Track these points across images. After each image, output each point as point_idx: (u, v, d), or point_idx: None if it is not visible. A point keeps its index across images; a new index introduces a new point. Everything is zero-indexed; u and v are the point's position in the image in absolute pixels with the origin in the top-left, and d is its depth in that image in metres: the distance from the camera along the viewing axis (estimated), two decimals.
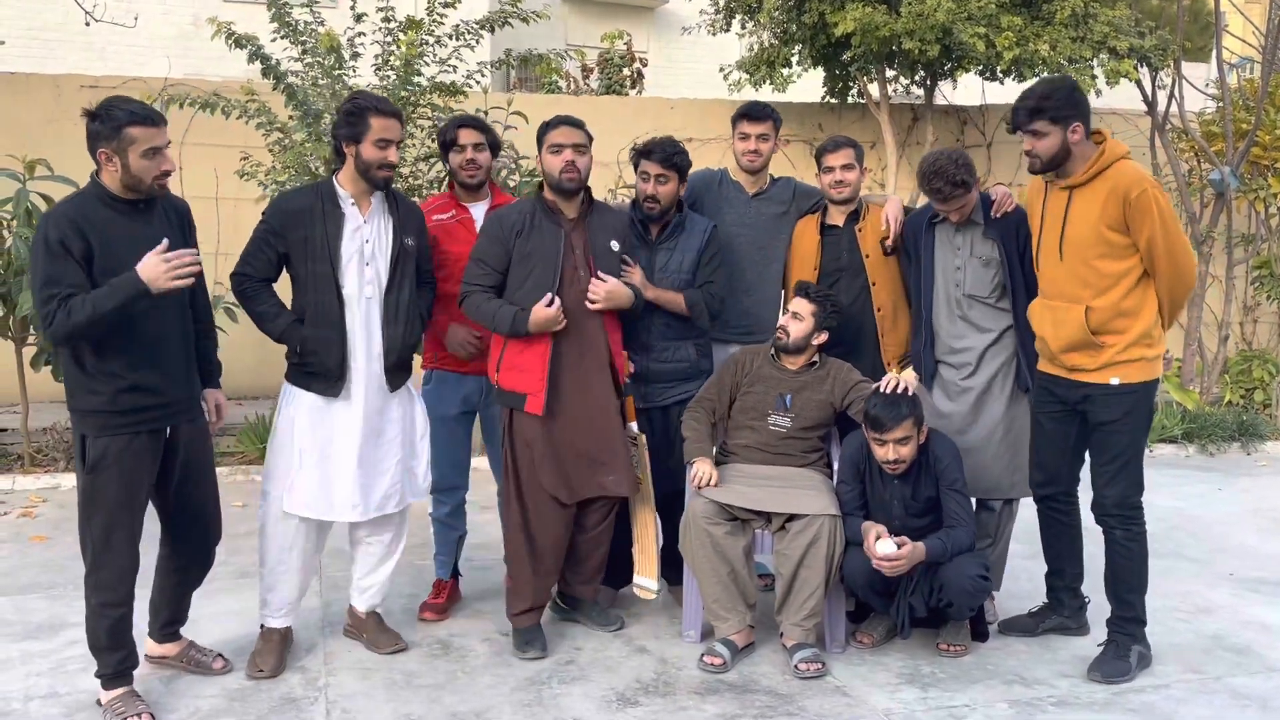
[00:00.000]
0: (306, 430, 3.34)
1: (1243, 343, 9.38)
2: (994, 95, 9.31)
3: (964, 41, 7.43)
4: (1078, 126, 3.32)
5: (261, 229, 3.34)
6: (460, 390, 3.79)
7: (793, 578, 3.50)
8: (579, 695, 3.31)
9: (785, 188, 4.09)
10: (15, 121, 7.39)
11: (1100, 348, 3.37)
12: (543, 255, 3.46)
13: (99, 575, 3.02)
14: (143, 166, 2.90)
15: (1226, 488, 6.19)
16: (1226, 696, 3.36)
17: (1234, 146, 8.02)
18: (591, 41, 12.29)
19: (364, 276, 3.33)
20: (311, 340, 3.30)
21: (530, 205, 3.55)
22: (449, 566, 3.98)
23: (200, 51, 9.62)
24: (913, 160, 8.97)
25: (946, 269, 3.77)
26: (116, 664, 3.10)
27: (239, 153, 6.22)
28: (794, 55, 8.56)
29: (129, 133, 2.87)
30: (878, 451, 3.52)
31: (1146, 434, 3.50)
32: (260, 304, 3.35)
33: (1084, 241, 3.35)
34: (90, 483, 2.98)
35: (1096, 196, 3.32)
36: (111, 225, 2.92)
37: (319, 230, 3.27)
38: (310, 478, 3.34)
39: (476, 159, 3.72)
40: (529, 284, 3.45)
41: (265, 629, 3.47)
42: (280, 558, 3.41)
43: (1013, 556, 4.01)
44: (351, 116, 3.28)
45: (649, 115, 8.50)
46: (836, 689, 3.37)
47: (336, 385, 3.32)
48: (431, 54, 6.12)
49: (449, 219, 3.74)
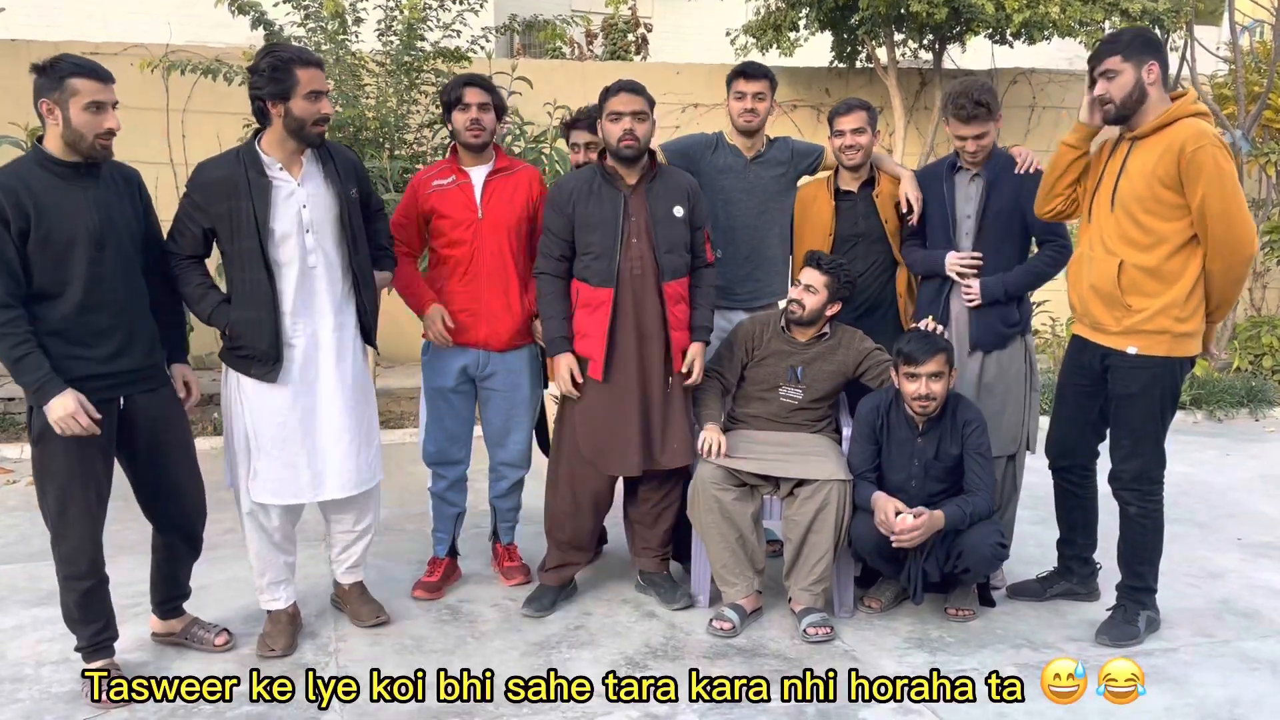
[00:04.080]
0: (254, 416, 3.17)
1: (1252, 309, 9.32)
2: (1003, 59, 9.20)
3: (973, 4, 7.33)
4: (1153, 66, 3.16)
5: (184, 202, 3.11)
6: (458, 361, 3.66)
7: (801, 543, 3.50)
8: (588, 660, 3.32)
9: (783, 148, 3.99)
10: (17, 88, 7.32)
11: (1125, 309, 3.26)
12: (602, 223, 3.44)
13: (60, 548, 2.96)
14: (84, 120, 2.77)
15: (1235, 453, 6.18)
16: (1236, 660, 3.37)
17: (1246, 110, 7.93)
18: (596, 7, 12.16)
19: (305, 245, 3.12)
20: (240, 322, 3.09)
21: (591, 172, 3.51)
22: (446, 544, 3.88)
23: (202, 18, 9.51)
24: (921, 125, 8.89)
25: (961, 218, 3.72)
26: (91, 637, 3.04)
27: (241, 120, 6.17)
28: (801, 19, 8.46)
29: (71, 83, 2.77)
30: (909, 388, 3.47)
31: (1170, 413, 3.38)
32: (186, 284, 3.12)
33: (1135, 195, 3.21)
34: (39, 455, 2.89)
35: (1154, 150, 3.17)
36: (51, 191, 2.80)
37: (244, 202, 3.03)
38: (269, 463, 3.19)
39: (481, 119, 3.57)
40: (591, 253, 3.45)
41: (271, 612, 3.40)
42: (261, 543, 3.32)
43: (1020, 522, 4.00)
44: (276, 72, 3.01)
45: (654, 81, 8.33)
46: (845, 653, 3.38)
47: (273, 369, 3.11)
48: (435, 19, 6.06)
49: (449, 184, 3.60)
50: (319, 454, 3.24)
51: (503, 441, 3.77)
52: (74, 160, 2.85)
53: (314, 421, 3.22)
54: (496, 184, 3.62)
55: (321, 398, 3.23)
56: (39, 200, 2.78)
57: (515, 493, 3.91)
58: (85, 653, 3.07)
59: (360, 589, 3.59)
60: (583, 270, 3.48)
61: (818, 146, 4.04)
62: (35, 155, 2.85)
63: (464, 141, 3.60)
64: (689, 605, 3.66)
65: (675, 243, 3.49)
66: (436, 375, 3.70)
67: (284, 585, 3.39)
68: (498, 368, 3.67)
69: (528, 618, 3.60)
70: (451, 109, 3.60)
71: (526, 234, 3.66)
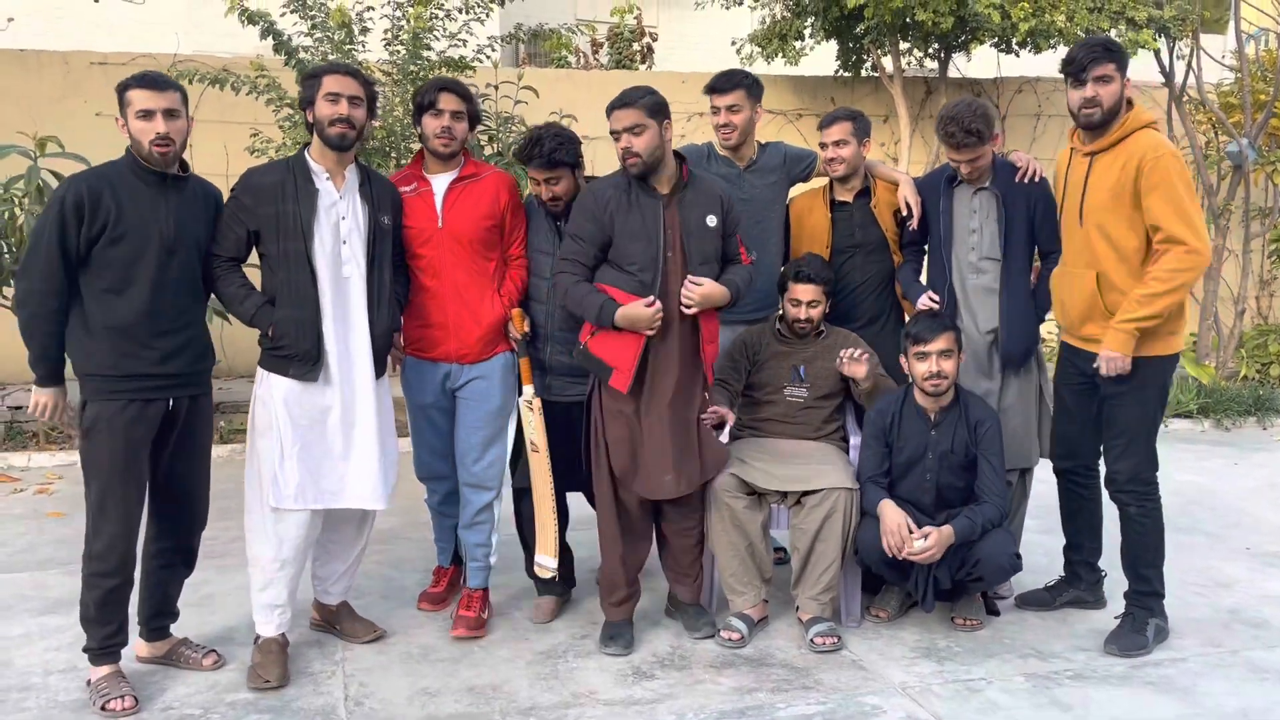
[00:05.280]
0: (286, 418, 3.16)
1: (1259, 317, 9.30)
2: (1009, 68, 9.20)
3: (978, 13, 7.34)
4: (1128, 80, 3.28)
5: (230, 205, 3.18)
6: (434, 376, 3.50)
7: (809, 551, 3.49)
8: (595, 669, 3.31)
9: (775, 154, 3.95)
10: (26, 98, 7.37)
11: (1110, 316, 3.31)
12: (644, 234, 3.30)
13: (93, 544, 3.00)
14: (138, 129, 2.93)
15: (1242, 462, 6.16)
16: (1244, 669, 3.35)
17: (1252, 118, 7.93)
18: (601, 15, 12.18)
19: (340, 256, 3.18)
20: (284, 322, 3.14)
21: (625, 180, 3.35)
22: (449, 553, 3.83)
23: (209, 27, 9.56)
24: (926, 134, 8.89)
25: (962, 232, 3.72)
26: (103, 639, 3.05)
27: (249, 129, 6.20)
28: (806, 28, 8.47)
29: (127, 95, 2.95)
30: (919, 369, 3.49)
31: (1160, 411, 3.44)
32: (229, 285, 3.18)
33: (1101, 208, 3.31)
34: (86, 448, 2.98)
35: (1115, 162, 3.28)
36: (135, 195, 2.95)
37: (291, 206, 3.13)
38: (295, 467, 3.16)
39: (453, 128, 3.38)
40: (634, 264, 3.29)
41: (263, 639, 3.25)
42: (270, 557, 3.21)
43: (1028, 531, 3.99)
44: (307, 80, 3.20)
45: (660, 89, 8.39)
46: (852, 662, 3.37)
47: (314, 369, 3.15)
48: (441, 28, 6.08)
49: (410, 192, 3.44)
50: (348, 461, 3.24)
51: (468, 458, 3.53)
52: (157, 169, 2.98)
53: (348, 428, 3.23)
54: (459, 192, 3.43)
55: (356, 406, 3.24)
56: (121, 202, 2.93)
57: (484, 524, 3.58)
58: (93, 654, 3.06)
59: (349, 607, 3.56)
60: (616, 279, 3.32)
61: (811, 152, 4.01)
62: (127, 160, 3.00)
63: (431, 149, 3.43)
64: (711, 634, 3.52)
65: (708, 254, 3.38)
66: (414, 391, 3.57)
67: (281, 610, 3.27)
68: (470, 377, 3.50)
69: (612, 655, 3.39)
70: (423, 112, 3.42)
71: (495, 241, 3.48)
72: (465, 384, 3.50)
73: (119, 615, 3.07)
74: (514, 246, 3.55)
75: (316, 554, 3.47)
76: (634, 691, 3.16)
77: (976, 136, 3.53)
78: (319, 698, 3.11)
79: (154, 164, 2.97)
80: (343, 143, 3.16)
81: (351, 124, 3.16)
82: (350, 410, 3.23)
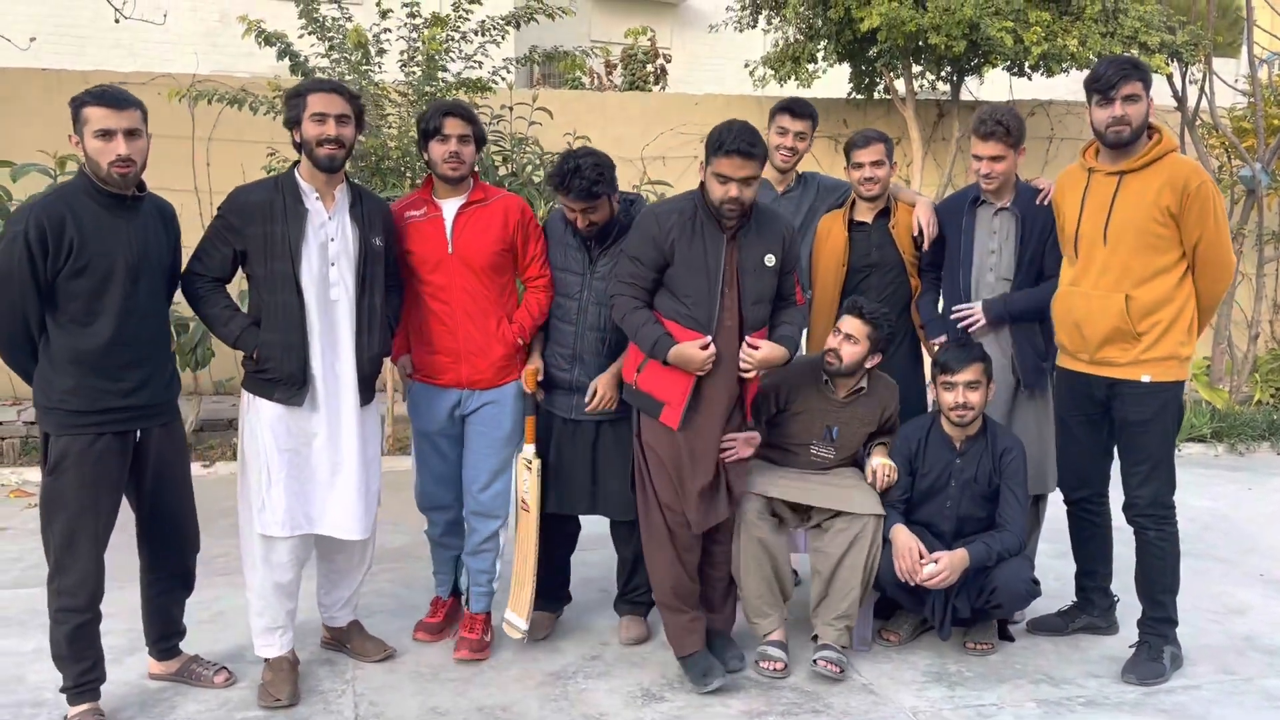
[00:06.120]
0: (272, 443, 3.11)
1: (1273, 341, 9.26)
2: (1021, 91, 9.22)
3: (991, 36, 7.36)
4: (1151, 100, 3.28)
5: (217, 224, 3.11)
6: (444, 403, 3.45)
7: (831, 576, 3.46)
8: (604, 691, 3.30)
9: (810, 184, 4.02)
10: (46, 117, 7.46)
11: (1136, 339, 3.30)
12: (705, 268, 3.20)
13: (61, 580, 2.90)
14: (95, 148, 2.77)
15: (1256, 487, 6.12)
16: (1259, 697, 3.33)
17: (1265, 143, 7.92)
18: (615, 38, 12.27)
19: (328, 278, 3.11)
20: (269, 344, 3.07)
21: (691, 207, 3.24)
22: (448, 585, 3.76)
23: (227, 48, 9.68)
24: (938, 156, 8.91)
25: (982, 252, 3.73)
26: (78, 676, 2.97)
27: (265, 149, 6.26)
28: (819, 51, 8.51)
29: (84, 113, 2.79)
30: (946, 398, 3.48)
31: (1177, 433, 3.45)
32: (214, 306, 3.11)
33: (1133, 229, 3.26)
34: (51, 484, 2.87)
35: (1150, 185, 3.24)
36: (96, 221, 2.81)
37: (279, 226, 3.04)
38: (281, 494, 3.12)
39: (461, 152, 3.32)
40: (689, 297, 3.20)
41: (270, 660, 3.25)
42: (264, 583, 3.20)
43: (1040, 555, 3.97)
44: (291, 99, 3.09)
45: (673, 112, 8.48)
46: (863, 687, 3.35)
47: (299, 393, 3.09)
48: (457, 50, 6.14)
49: (420, 217, 3.39)
50: (333, 489, 3.19)
51: (474, 486, 3.50)
52: (113, 191, 2.85)
53: (334, 454, 3.18)
54: (469, 216, 3.39)
55: (341, 433, 3.19)
56: (83, 229, 2.79)
57: (488, 552, 3.57)
58: (70, 694, 2.99)
59: (359, 625, 3.55)
60: (671, 310, 3.24)
61: (845, 183, 4.02)
62: (82, 182, 2.86)
63: (440, 174, 3.38)
64: (740, 668, 3.44)
65: (763, 294, 3.28)
66: (421, 418, 3.53)
67: (282, 632, 3.26)
68: (483, 402, 3.46)
69: (706, 693, 3.28)
70: (429, 138, 3.35)
71: (507, 266, 3.45)
72: (476, 410, 3.47)
73: (93, 652, 3.00)
74: (532, 268, 3.49)
75: (320, 582, 3.47)
76: (643, 714, 3.16)
77: (1004, 129, 3.55)
78: (329, 716, 3.11)
79: (112, 185, 2.83)
80: (332, 164, 3.10)
81: (341, 143, 3.09)
82: (336, 436, 3.18)
